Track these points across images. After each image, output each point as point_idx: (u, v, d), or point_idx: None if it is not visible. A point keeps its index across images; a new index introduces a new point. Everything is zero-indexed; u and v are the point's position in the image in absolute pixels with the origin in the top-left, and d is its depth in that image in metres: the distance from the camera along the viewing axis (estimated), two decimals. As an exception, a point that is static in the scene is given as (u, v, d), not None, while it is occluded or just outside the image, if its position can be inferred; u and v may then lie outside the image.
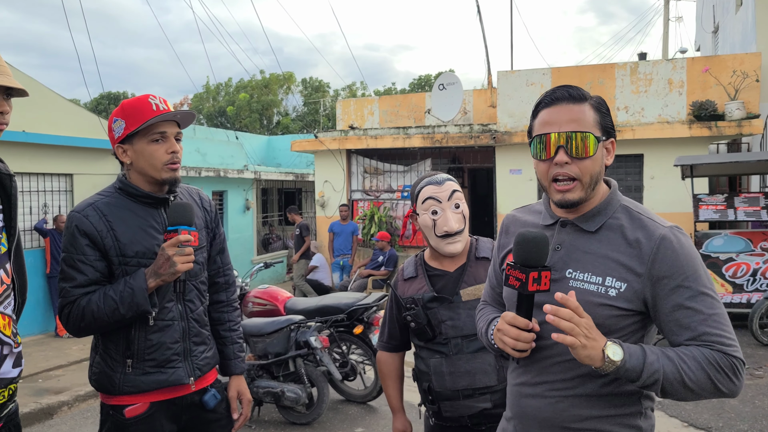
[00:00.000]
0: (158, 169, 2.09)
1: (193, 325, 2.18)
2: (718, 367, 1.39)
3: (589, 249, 1.52)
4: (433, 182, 2.26)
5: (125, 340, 2.06)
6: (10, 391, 1.80)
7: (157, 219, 2.14)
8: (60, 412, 5.78)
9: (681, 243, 1.47)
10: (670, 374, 1.38)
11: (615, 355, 1.38)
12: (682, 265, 1.45)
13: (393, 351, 2.45)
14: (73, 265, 2.02)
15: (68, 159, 9.52)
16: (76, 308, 2.00)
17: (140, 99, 2.09)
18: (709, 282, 1.47)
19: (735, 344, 1.43)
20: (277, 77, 31.51)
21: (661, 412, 5.34)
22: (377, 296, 5.78)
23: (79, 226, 2.03)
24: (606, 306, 1.47)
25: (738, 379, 1.42)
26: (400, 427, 2.41)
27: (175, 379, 2.10)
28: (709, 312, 1.43)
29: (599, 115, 1.53)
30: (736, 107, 9.51)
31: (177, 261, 1.97)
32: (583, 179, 1.50)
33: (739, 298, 8.13)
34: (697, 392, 1.41)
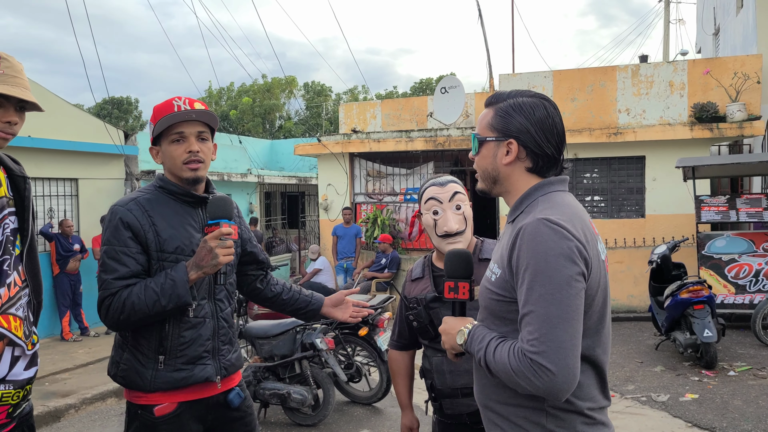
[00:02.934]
0: (179, 168, 2.14)
1: (222, 324, 2.22)
2: (518, 363, 1.43)
3: (502, 239, 1.67)
4: (436, 183, 2.32)
5: (158, 336, 2.08)
6: (25, 392, 1.83)
7: (194, 218, 2.19)
8: (67, 415, 5.82)
9: (533, 234, 1.46)
10: (489, 361, 1.51)
11: (460, 339, 1.62)
12: (523, 257, 1.47)
13: (402, 349, 2.51)
14: (115, 257, 2.04)
15: (73, 163, 9.58)
16: (117, 300, 2.00)
17: (167, 102, 2.16)
18: (546, 278, 1.42)
19: (537, 345, 1.40)
20: (279, 81, 31.56)
21: (664, 412, 5.37)
22: (382, 298, 5.82)
23: (123, 218, 2.05)
24: (487, 289, 1.61)
25: (537, 378, 1.39)
26: (408, 424, 2.47)
27: (205, 376, 2.13)
28: (527, 308, 1.44)
29: (497, 119, 1.63)
30: (738, 109, 9.53)
31: (219, 253, 2.00)
32: (479, 171, 1.70)
33: (741, 299, 8.15)
34: (509, 381, 1.47)
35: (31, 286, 1.88)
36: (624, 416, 5.33)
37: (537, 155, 1.60)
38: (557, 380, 1.38)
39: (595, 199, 10.56)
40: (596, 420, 1.54)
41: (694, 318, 6.55)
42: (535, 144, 1.59)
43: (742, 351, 7.26)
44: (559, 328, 1.39)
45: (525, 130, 1.59)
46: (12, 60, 1.77)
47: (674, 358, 7.12)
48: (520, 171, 1.62)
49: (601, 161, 10.49)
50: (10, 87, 1.72)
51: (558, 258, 1.42)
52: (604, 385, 1.59)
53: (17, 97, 1.73)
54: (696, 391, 5.85)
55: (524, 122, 1.59)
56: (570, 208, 1.56)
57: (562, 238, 1.44)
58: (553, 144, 1.62)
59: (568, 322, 1.41)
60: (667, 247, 7.74)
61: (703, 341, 6.41)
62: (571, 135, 10.31)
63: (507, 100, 1.64)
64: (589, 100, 10.50)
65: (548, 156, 1.61)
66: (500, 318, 1.58)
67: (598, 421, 1.55)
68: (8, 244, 1.79)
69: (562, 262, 1.42)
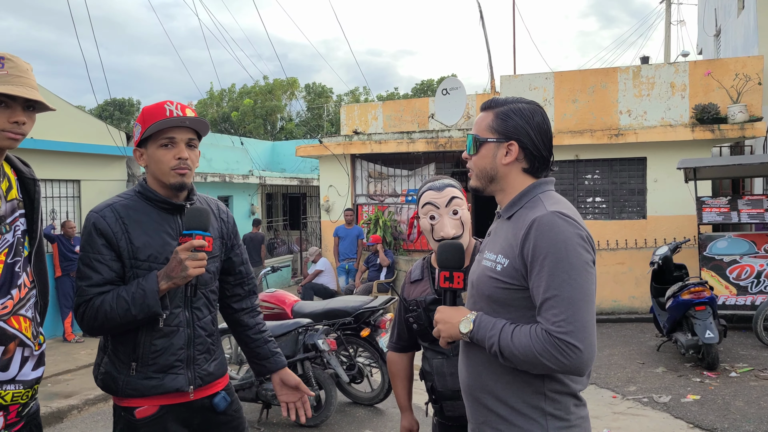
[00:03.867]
0: (166, 174, 2.11)
1: (199, 333, 2.18)
2: (543, 344, 1.52)
3: (500, 233, 1.75)
4: (433, 188, 2.31)
5: (132, 342, 2.08)
6: (33, 392, 1.85)
7: (172, 225, 2.16)
8: (70, 416, 5.84)
9: (549, 225, 1.58)
10: (504, 347, 1.58)
11: (464, 328, 1.66)
12: (541, 246, 1.57)
13: (401, 351, 2.51)
14: (89, 264, 2.04)
15: (75, 165, 9.60)
16: (90, 307, 2.02)
17: (158, 105, 2.13)
18: (568, 265, 1.54)
19: (566, 326, 1.51)
20: (280, 83, 31.61)
21: (666, 413, 5.38)
22: (384, 299, 5.83)
23: (96, 225, 2.06)
24: (492, 279, 1.68)
25: (566, 356, 1.50)
26: (407, 426, 2.47)
27: (176, 386, 2.11)
28: (550, 293, 1.54)
29: (497, 121, 1.73)
30: (739, 110, 9.54)
31: (189, 265, 1.98)
32: (475, 171, 1.78)
33: (743, 300, 8.16)
34: (530, 364, 1.56)
35: (39, 287, 1.90)
36: (626, 417, 5.33)
37: (534, 157, 1.72)
38: (584, 357, 1.51)
39: (597, 200, 10.57)
40: (581, 401, 1.70)
41: (696, 319, 6.56)
42: (534, 146, 1.71)
43: (743, 352, 7.26)
44: (583, 309, 1.53)
45: (525, 132, 1.70)
46: (17, 60, 1.77)
47: (676, 359, 7.12)
48: (516, 171, 1.74)
49: (603, 162, 10.50)
50: (14, 87, 1.71)
51: (576, 246, 1.56)
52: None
53: (23, 97, 1.72)
54: (698, 392, 5.86)
55: (524, 125, 1.71)
56: (570, 206, 1.71)
57: (575, 228, 1.59)
58: (547, 147, 1.74)
59: (589, 304, 1.55)
60: (669, 249, 7.74)
61: (705, 342, 6.42)
62: (572, 136, 10.32)
63: (506, 105, 1.74)
64: (591, 101, 10.51)
65: (543, 158, 1.73)
66: (506, 306, 1.66)
67: (583, 402, 1.71)
68: (19, 245, 1.81)
69: (579, 250, 1.56)
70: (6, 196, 1.80)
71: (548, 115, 9.66)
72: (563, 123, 10.59)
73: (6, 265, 1.75)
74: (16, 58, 1.77)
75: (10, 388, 1.75)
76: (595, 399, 5.83)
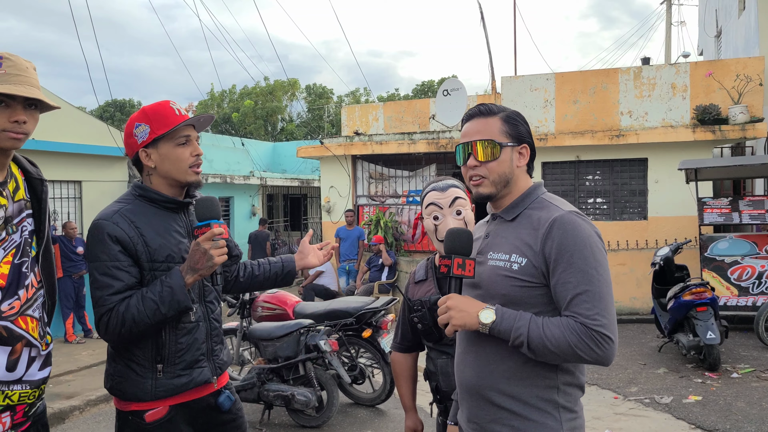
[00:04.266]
0: (184, 172, 2.13)
1: (215, 326, 2.25)
2: (578, 337, 1.58)
3: (505, 234, 1.77)
4: (436, 188, 2.32)
5: (155, 345, 2.08)
6: (40, 392, 1.85)
7: (179, 223, 2.18)
8: (72, 417, 5.84)
9: (572, 224, 1.65)
10: (535, 338, 1.60)
11: (486, 318, 1.65)
12: (567, 244, 1.63)
13: (405, 351, 2.51)
14: (108, 273, 2.01)
15: (77, 166, 9.61)
16: (114, 315, 1.98)
17: (162, 105, 2.13)
18: (595, 261, 1.63)
19: (600, 318, 1.59)
20: (281, 84, 31.63)
21: (668, 414, 5.38)
22: (385, 300, 5.84)
23: (110, 233, 2.01)
24: (509, 278, 1.70)
25: (600, 347, 1.58)
26: (412, 426, 2.47)
27: (204, 378, 2.16)
28: (581, 288, 1.61)
29: (507, 126, 1.78)
30: (740, 111, 9.55)
31: (214, 254, 1.99)
32: (491, 177, 1.77)
33: (744, 301, 8.16)
34: (561, 355, 1.61)
35: (46, 287, 1.90)
36: (627, 418, 5.33)
37: (532, 158, 1.83)
38: (614, 347, 1.61)
39: (598, 201, 10.57)
40: (583, 392, 1.79)
41: (697, 320, 6.56)
42: (533, 147, 1.83)
43: (745, 353, 7.26)
44: (610, 303, 1.63)
45: (528, 135, 1.81)
46: (16, 59, 1.75)
47: (677, 360, 7.12)
48: (523, 173, 1.82)
49: (604, 163, 10.51)
50: (13, 86, 1.69)
51: (598, 244, 1.66)
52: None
53: (23, 96, 1.71)
54: (699, 393, 5.86)
55: (527, 129, 1.81)
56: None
57: (593, 228, 1.69)
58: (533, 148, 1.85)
59: (612, 297, 1.65)
60: (670, 249, 7.74)
61: (706, 343, 6.42)
62: (573, 137, 10.33)
63: (504, 111, 1.81)
64: (592, 102, 10.51)
65: (533, 158, 1.84)
66: (522, 303, 1.69)
67: (583, 393, 1.79)
68: (26, 246, 1.81)
69: (601, 247, 1.67)
70: (13, 197, 1.80)
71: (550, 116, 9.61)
72: (564, 124, 10.60)
73: (13, 265, 1.76)
74: (15, 57, 1.76)
75: (17, 388, 1.76)
76: (597, 400, 5.83)
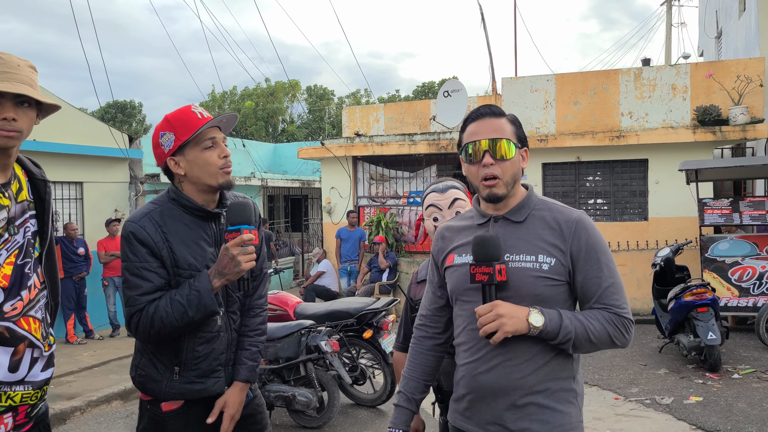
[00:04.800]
0: (214, 175, 2.11)
1: (235, 336, 2.24)
2: (614, 326, 1.74)
3: (520, 235, 1.80)
4: (436, 190, 2.34)
5: (175, 348, 2.10)
6: (42, 393, 1.85)
7: (207, 232, 2.17)
8: (73, 417, 5.85)
9: (591, 224, 1.82)
10: (581, 333, 1.71)
11: (537, 321, 1.70)
12: (592, 243, 1.78)
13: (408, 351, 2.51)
14: (138, 273, 2.04)
15: (78, 167, 9.62)
16: (144, 316, 2.02)
17: (184, 110, 2.13)
18: (611, 257, 1.82)
19: (626, 307, 1.77)
20: (282, 85, 31.66)
21: (669, 415, 5.38)
22: (386, 301, 5.84)
23: (137, 235, 2.04)
24: (541, 278, 1.75)
25: (629, 333, 1.77)
26: (414, 426, 2.46)
27: (218, 389, 2.17)
28: (609, 281, 1.76)
29: (514, 127, 1.84)
30: (740, 112, 9.55)
31: (241, 260, 1.99)
32: (504, 177, 1.79)
33: (745, 301, 8.16)
34: (597, 345, 1.75)
35: (49, 287, 1.90)
36: (628, 419, 5.34)
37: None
38: (633, 330, 1.78)
39: (598, 202, 10.57)
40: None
41: (698, 321, 6.56)
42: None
43: (746, 354, 7.26)
44: (624, 291, 1.80)
45: (526, 139, 1.89)
46: (7, 56, 1.73)
47: (678, 360, 7.12)
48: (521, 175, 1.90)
49: (604, 164, 10.51)
50: (0, 83, 1.67)
51: (605, 242, 1.83)
52: None
53: (11, 93, 1.68)
54: (700, 394, 5.86)
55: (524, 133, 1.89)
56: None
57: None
58: None
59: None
60: (671, 250, 7.74)
61: (707, 344, 6.42)
62: (573, 138, 10.33)
63: (506, 114, 1.87)
64: (592, 103, 10.52)
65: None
66: (550, 302, 1.76)
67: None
68: (29, 247, 1.81)
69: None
70: (16, 198, 1.81)
71: (550, 117, 9.59)
72: (565, 125, 10.60)
73: (16, 266, 1.76)
74: (7, 55, 1.74)
75: (20, 389, 1.76)
76: (598, 400, 5.83)
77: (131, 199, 10.71)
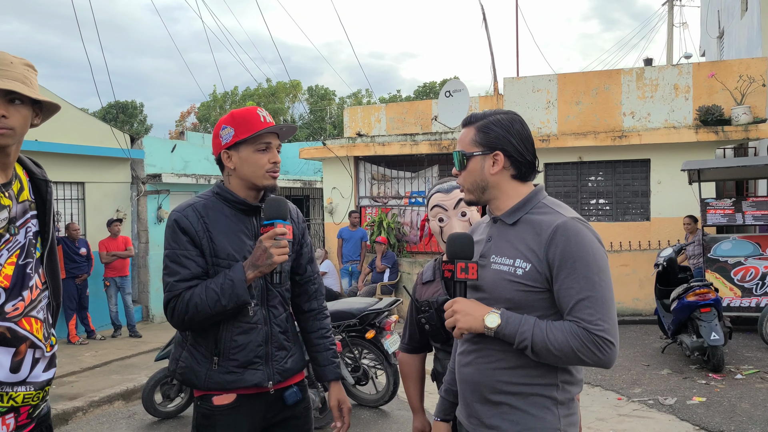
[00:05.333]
0: (260, 176, 2.21)
1: (276, 331, 2.26)
2: (580, 341, 1.62)
3: (508, 238, 1.79)
4: (441, 190, 2.32)
5: (214, 337, 2.17)
6: (44, 393, 1.84)
7: (248, 225, 2.24)
8: (75, 418, 5.84)
9: (575, 230, 1.68)
10: (539, 342, 1.64)
11: (491, 322, 1.69)
12: (570, 250, 1.66)
13: (413, 352, 2.50)
14: (177, 260, 2.14)
15: (80, 167, 9.63)
16: (180, 302, 2.11)
17: (249, 110, 2.24)
18: (597, 267, 1.66)
19: (602, 324, 1.63)
20: (283, 85, 31.68)
21: (672, 415, 5.36)
22: (389, 301, 5.83)
23: (179, 223, 2.15)
24: (513, 282, 1.72)
25: (602, 352, 1.63)
26: (420, 427, 2.46)
27: (254, 381, 2.19)
28: (584, 294, 1.64)
29: (480, 135, 1.82)
30: (743, 112, 9.53)
31: (273, 252, 2.06)
32: (465, 185, 1.86)
33: (747, 302, 8.14)
34: (563, 358, 1.65)
35: (51, 288, 1.89)
36: (631, 419, 5.32)
37: (520, 163, 1.81)
38: (615, 351, 1.65)
39: (600, 202, 10.56)
40: (581, 389, 1.83)
41: (701, 321, 6.54)
42: (518, 153, 1.80)
43: (749, 354, 7.25)
44: (612, 308, 1.67)
45: (507, 141, 1.79)
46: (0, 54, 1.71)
47: (681, 361, 7.10)
48: (506, 179, 1.82)
49: (606, 164, 10.50)
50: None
51: (600, 250, 1.69)
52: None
53: (1, 89, 1.64)
54: (703, 395, 5.84)
55: (506, 134, 1.80)
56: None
57: (595, 234, 1.72)
58: (531, 152, 1.82)
59: (614, 302, 1.69)
60: (673, 250, 7.73)
61: (710, 344, 6.40)
62: (575, 138, 10.32)
63: (484, 118, 1.83)
64: (594, 103, 10.51)
65: (528, 162, 1.81)
66: (526, 308, 1.71)
67: (580, 390, 1.84)
68: (31, 247, 1.80)
69: (602, 253, 1.69)
70: (18, 198, 1.80)
71: (552, 117, 9.57)
72: (566, 125, 10.59)
73: (17, 266, 1.75)
74: (1, 52, 1.71)
75: (21, 389, 1.75)
76: (600, 401, 5.81)
77: (133, 200, 10.71)
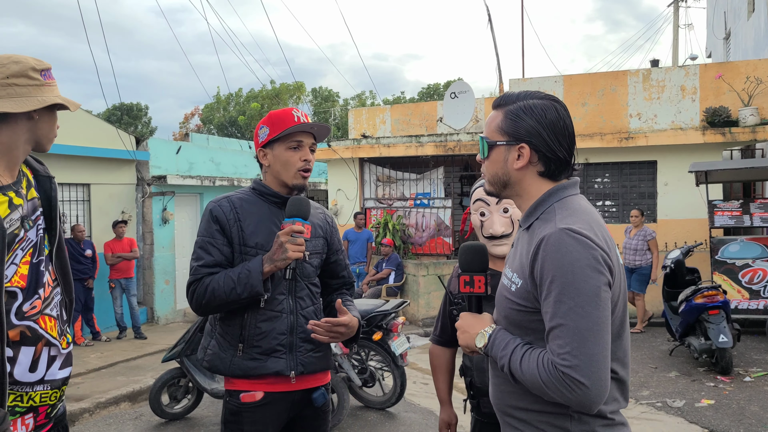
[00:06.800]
0: (291, 175, 2.30)
1: (302, 322, 2.30)
2: (548, 375, 1.41)
3: (519, 246, 1.62)
4: None
5: (239, 324, 2.24)
6: (60, 393, 1.84)
7: (280, 218, 2.31)
8: (81, 419, 5.84)
9: (557, 245, 1.43)
10: (514, 369, 1.48)
11: (479, 342, 1.58)
12: (547, 268, 1.43)
13: (444, 345, 2.51)
14: (204, 247, 2.25)
15: (86, 169, 9.63)
16: (200, 285, 2.20)
17: (285, 110, 2.34)
18: (575, 291, 1.39)
19: (570, 359, 1.38)
20: (287, 87, 31.70)
21: (680, 418, 5.33)
22: (396, 303, 5.81)
23: (212, 212, 2.27)
24: (507, 299, 1.56)
25: (570, 392, 1.38)
26: (446, 419, 2.47)
27: (276, 368, 2.22)
28: (555, 322, 1.41)
29: (507, 122, 1.57)
30: (750, 113, 9.49)
31: (288, 248, 2.13)
32: (486, 176, 1.65)
33: (755, 304, 8.09)
34: (536, 391, 1.45)
35: (62, 284, 1.89)
36: (640, 422, 5.29)
37: (549, 159, 1.56)
38: (590, 393, 1.38)
39: (607, 204, 10.52)
40: (615, 421, 1.53)
41: (709, 323, 6.51)
42: (548, 148, 1.55)
43: (757, 356, 7.21)
44: (590, 341, 1.38)
45: (536, 133, 1.54)
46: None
47: (689, 363, 7.07)
48: (532, 175, 1.58)
49: (613, 166, 10.46)
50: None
51: (584, 269, 1.40)
52: (625, 388, 1.57)
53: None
54: (712, 397, 5.81)
55: (536, 125, 1.54)
56: (588, 215, 1.52)
57: (587, 248, 1.42)
58: (565, 147, 1.57)
59: (599, 335, 1.39)
60: (681, 252, 7.69)
61: (719, 346, 6.36)
62: (582, 140, 10.29)
63: (516, 102, 1.58)
64: (600, 104, 10.48)
65: (560, 159, 1.57)
66: (522, 327, 1.54)
67: (618, 422, 1.54)
68: (41, 244, 1.80)
69: (588, 273, 1.40)
70: (27, 195, 1.79)
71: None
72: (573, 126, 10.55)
73: (32, 265, 1.75)
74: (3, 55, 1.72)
75: (39, 388, 1.74)
76: (608, 403, 5.78)
77: (138, 201, 10.72)
